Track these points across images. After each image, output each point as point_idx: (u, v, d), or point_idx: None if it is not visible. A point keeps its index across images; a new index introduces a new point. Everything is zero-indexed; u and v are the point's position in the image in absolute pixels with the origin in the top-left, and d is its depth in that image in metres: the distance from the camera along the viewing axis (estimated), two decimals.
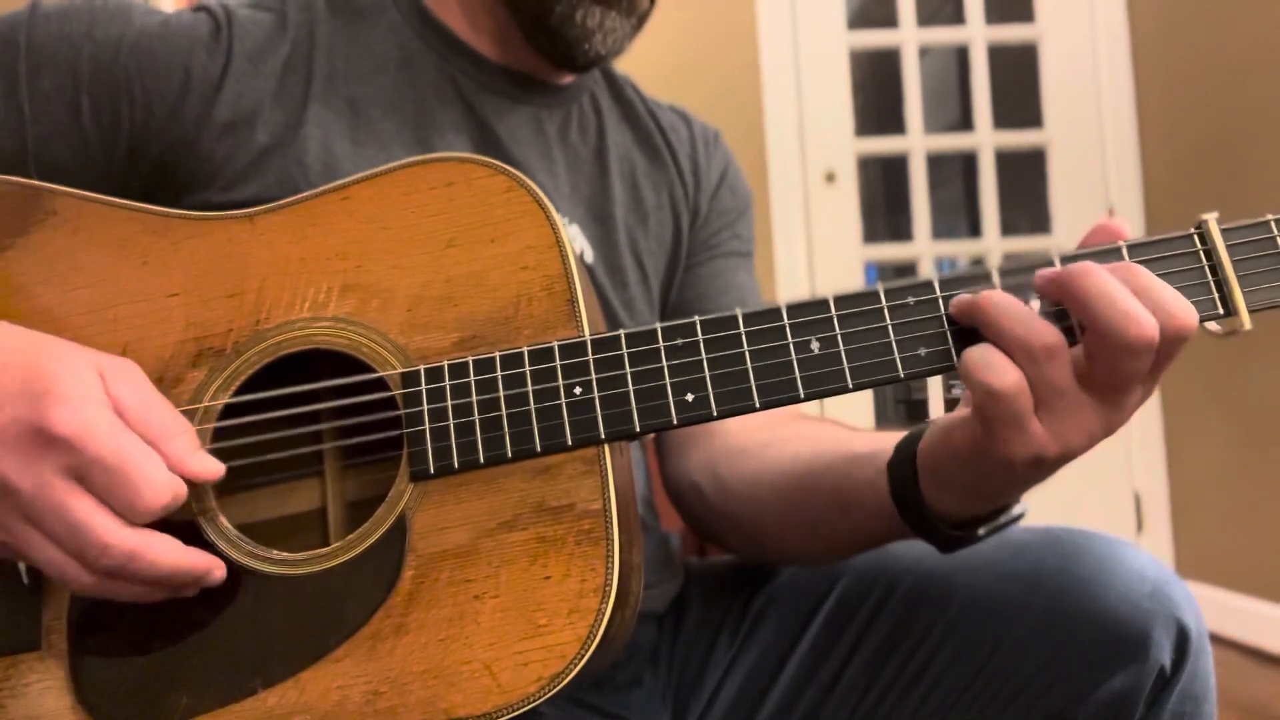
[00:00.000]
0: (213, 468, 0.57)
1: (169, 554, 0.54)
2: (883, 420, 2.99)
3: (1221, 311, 0.56)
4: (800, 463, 0.76)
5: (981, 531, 0.64)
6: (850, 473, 0.70)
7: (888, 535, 0.70)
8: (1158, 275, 0.55)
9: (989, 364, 0.54)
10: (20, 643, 0.58)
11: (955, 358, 0.57)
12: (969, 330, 0.57)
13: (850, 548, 0.76)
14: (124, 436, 0.53)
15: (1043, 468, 0.57)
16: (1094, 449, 0.58)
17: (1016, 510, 0.65)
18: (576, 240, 0.83)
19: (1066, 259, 0.57)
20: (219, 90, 0.73)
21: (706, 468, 0.84)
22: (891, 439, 0.68)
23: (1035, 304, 0.56)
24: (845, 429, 0.80)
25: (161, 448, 0.54)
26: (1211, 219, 0.57)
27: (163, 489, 0.53)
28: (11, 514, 0.52)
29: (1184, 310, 0.53)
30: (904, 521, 0.65)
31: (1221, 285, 0.56)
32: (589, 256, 0.84)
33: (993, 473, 0.58)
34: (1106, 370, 0.54)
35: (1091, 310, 0.52)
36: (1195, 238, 0.57)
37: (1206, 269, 0.56)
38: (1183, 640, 0.65)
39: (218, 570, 0.56)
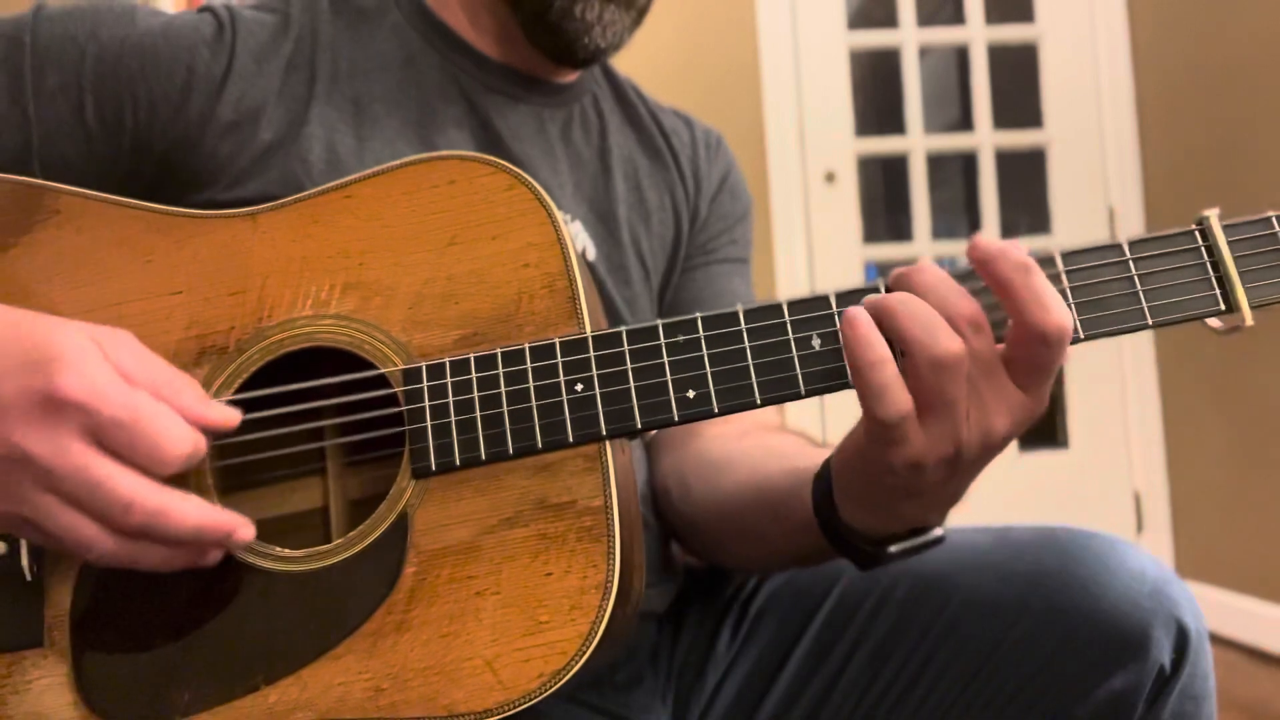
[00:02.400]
0: (229, 414, 0.57)
1: (195, 510, 0.53)
2: None
3: (1223, 307, 0.56)
4: (751, 476, 0.76)
5: (892, 550, 0.62)
6: (787, 485, 0.69)
7: (816, 550, 0.68)
8: (1160, 271, 0.55)
9: (868, 340, 0.54)
10: (22, 639, 0.58)
11: None
12: None
13: (790, 561, 0.77)
14: (135, 394, 0.53)
15: (921, 473, 0.56)
16: (1094, 449, 0.58)
17: (934, 533, 0.63)
18: (579, 238, 0.84)
19: (1068, 255, 0.57)
20: (222, 89, 0.74)
21: (676, 471, 0.84)
22: (827, 451, 0.68)
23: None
24: (808, 443, 0.80)
25: (173, 403, 0.54)
26: (1213, 215, 0.57)
27: (183, 439, 0.53)
28: (30, 485, 0.52)
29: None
30: (824, 536, 0.65)
31: (1223, 281, 0.56)
32: (591, 254, 0.85)
33: (877, 478, 0.58)
34: (1029, 369, 0.54)
35: (1018, 299, 0.53)
36: (1197, 234, 0.57)
37: (1208, 265, 0.57)
38: (1182, 640, 0.65)
39: (244, 529, 0.55)
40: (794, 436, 0.83)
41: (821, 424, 2.72)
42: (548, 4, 0.79)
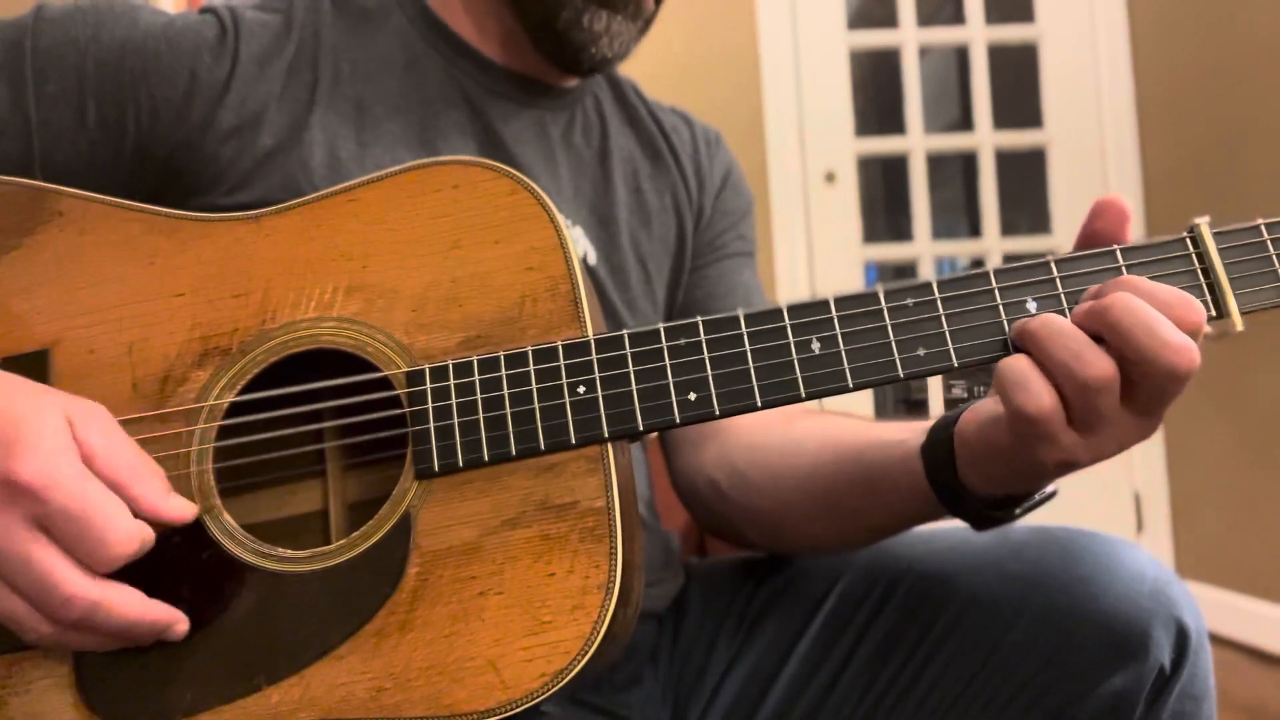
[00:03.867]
0: (185, 509, 0.57)
1: (132, 606, 0.53)
2: (883, 420, 2.99)
3: (1214, 313, 0.57)
4: (830, 451, 0.76)
5: (1018, 511, 0.65)
6: (882, 457, 0.71)
7: (918, 518, 0.71)
8: (1152, 279, 0.55)
9: (1024, 384, 0.54)
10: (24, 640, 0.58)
11: (954, 359, 0.58)
12: (965, 331, 0.57)
13: (878, 533, 0.77)
14: (89, 485, 0.52)
15: (1074, 468, 0.58)
16: None
17: (1049, 489, 0.65)
18: (580, 242, 0.84)
19: (1061, 262, 0.58)
20: (225, 94, 0.74)
21: (723, 463, 0.84)
22: (913, 426, 0.69)
23: None
24: (862, 420, 0.81)
25: (131, 492, 0.54)
26: (1203, 223, 0.58)
27: (129, 537, 0.53)
28: None
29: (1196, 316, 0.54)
30: (940, 502, 0.66)
31: (1214, 288, 0.57)
32: (592, 258, 0.85)
33: (1027, 470, 0.59)
34: (1149, 394, 0.54)
35: (1134, 343, 0.53)
36: (1188, 241, 0.58)
37: (1199, 272, 0.58)
38: (1182, 640, 0.65)
39: (180, 624, 0.56)
40: (842, 417, 0.83)
41: None
42: (555, 13, 0.79)
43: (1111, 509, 2.90)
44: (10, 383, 0.55)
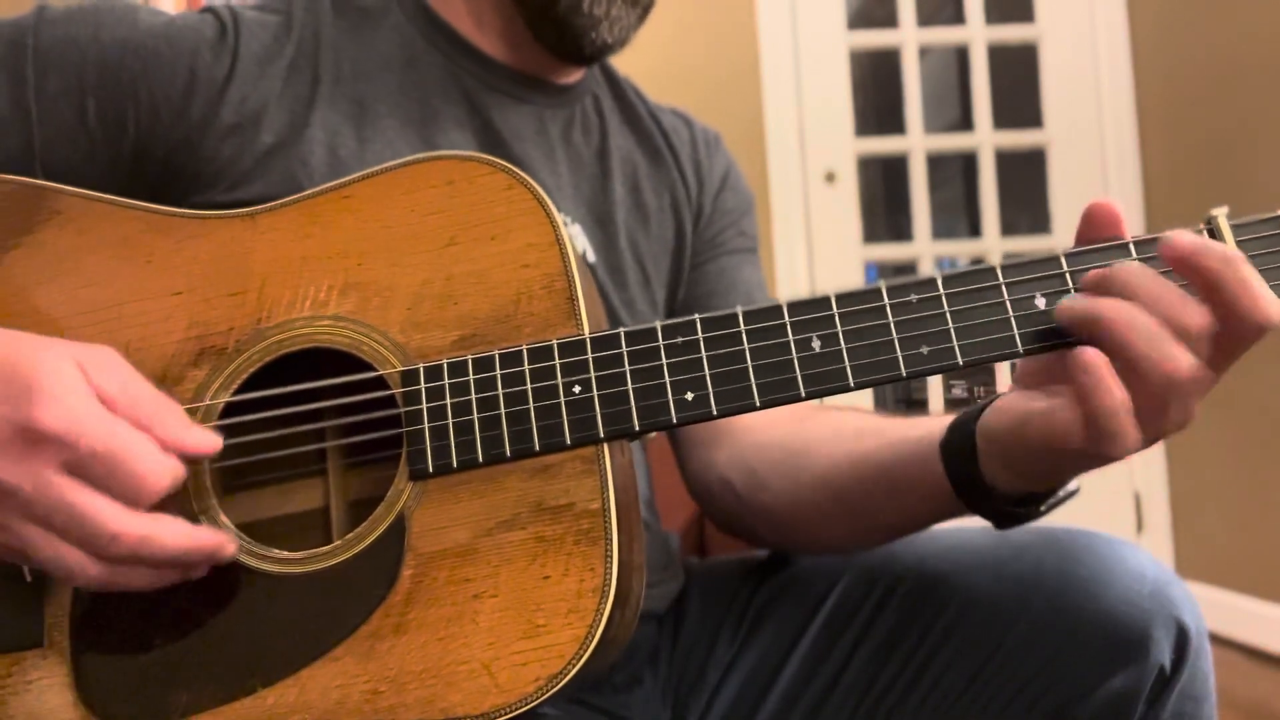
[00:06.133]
0: (209, 441, 0.57)
1: (179, 535, 0.54)
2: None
3: None
4: (844, 451, 0.76)
5: (1043, 509, 0.64)
6: (900, 457, 0.70)
7: (935, 517, 0.70)
8: (1168, 271, 0.54)
9: (1101, 382, 0.52)
10: (23, 640, 0.58)
11: (959, 357, 0.56)
12: (970, 328, 0.56)
13: (893, 533, 0.76)
14: (114, 425, 0.53)
15: (1118, 458, 0.57)
16: None
17: (1072, 485, 0.64)
18: (578, 240, 0.84)
19: (1071, 256, 0.57)
20: (224, 92, 0.74)
21: (738, 463, 0.83)
22: (930, 421, 0.69)
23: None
24: (874, 416, 0.80)
25: (153, 430, 0.54)
26: (1221, 214, 0.56)
27: (162, 471, 0.53)
28: (15, 516, 0.52)
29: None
30: (961, 500, 0.66)
31: None
32: (590, 257, 0.85)
33: (1067, 466, 0.58)
34: (1225, 356, 0.54)
35: (1229, 294, 0.52)
36: (1205, 232, 0.56)
37: None
38: (1182, 640, 0.65)
39: (229, 546, 0.56)
40: (853, 413, 0.82)
41: None
42: None
43: (1111, 509, 2.90)
44: (17, 336, 0.56)
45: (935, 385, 0.70)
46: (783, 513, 0.81)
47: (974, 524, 0.78)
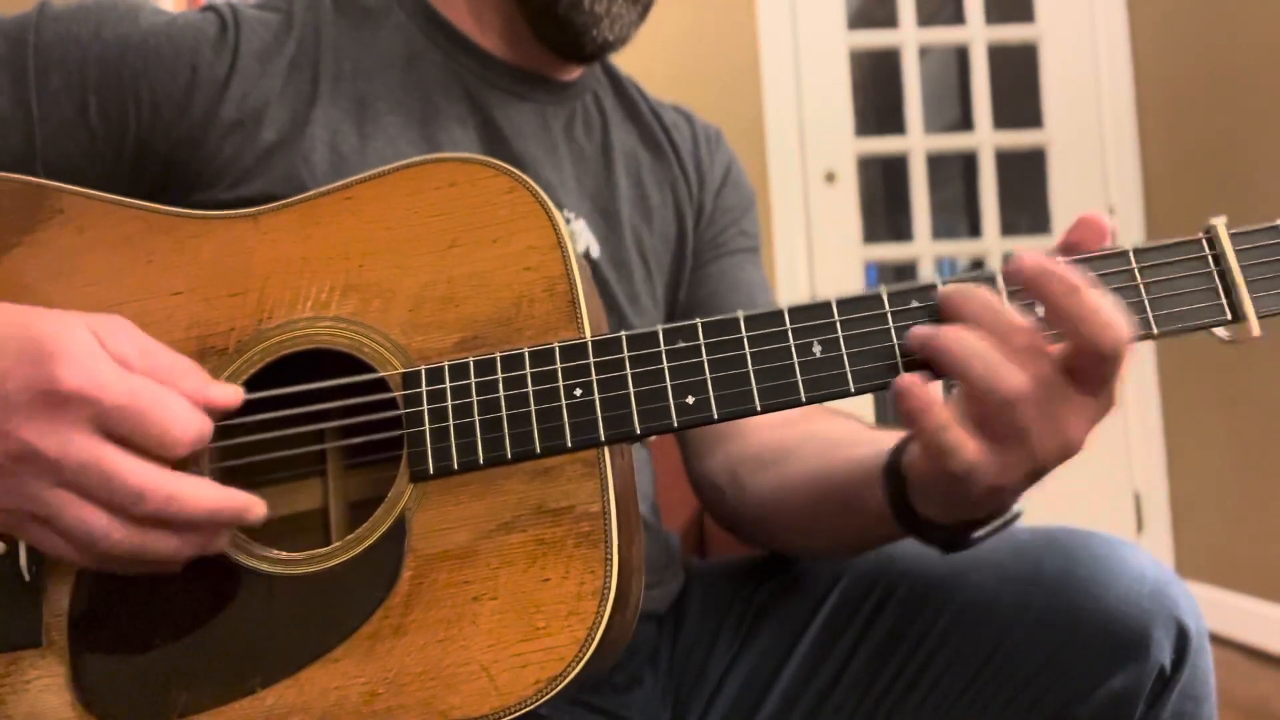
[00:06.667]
0: (232, 393, 0.57)
1: (208, 492, 0.54)
2: (883, 424, 2.99)
3: (1230, 318, 0.55)
4: (813, 469, 0.76)
5: (976, 535, 0.64)
6: (852, 477, 0.70)
7: (890, 537, 0.70)
8: (1165, 280, 0.55)
9: (927, 404, 0.53)
10: (20, 639, 0.58)
11: None
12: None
13: (853, 550, 0.77)
14: (135, 379, 0.53)
15: (1001, 493, 0.57)
16: (1094, 449, 0.58)
17: (1013, 510, 0.64)
18: (582, 235, 0.84)
19: (1070, 264, 0.56)
20: (225, 89, 0.74)
21: (726, 471, 0.84)
22: (882, 442, 0.68)
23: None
24: (856, 426, 0.80)
25: (175, 387, 0.54)
26: (1220, 224, 0.56)
27: (190, 421, 0.53)
28: (39, 480, 0.52)
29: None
30: (901, 527, 0.65)
31: (1230, 291, 0.55)
32: (595, 252, 0.85)
33: (958, 495, 0.58)
34: (1091, 379, 0.53)
35: (1073, 317, 0.52)
36: (1204, 242, 0.56)
37: (1215, 274, 0.56)
38: (1182, 640, 0.65)
39: (256, 508, 0.55)
40: (844, 420, 0.83)
41: None
42: None
43: (1111, 509, 2.90)
44: (26, 309, 0.56)
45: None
46: (759, 520, 0.82)
47: None
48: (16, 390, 0.51)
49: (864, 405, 2.85)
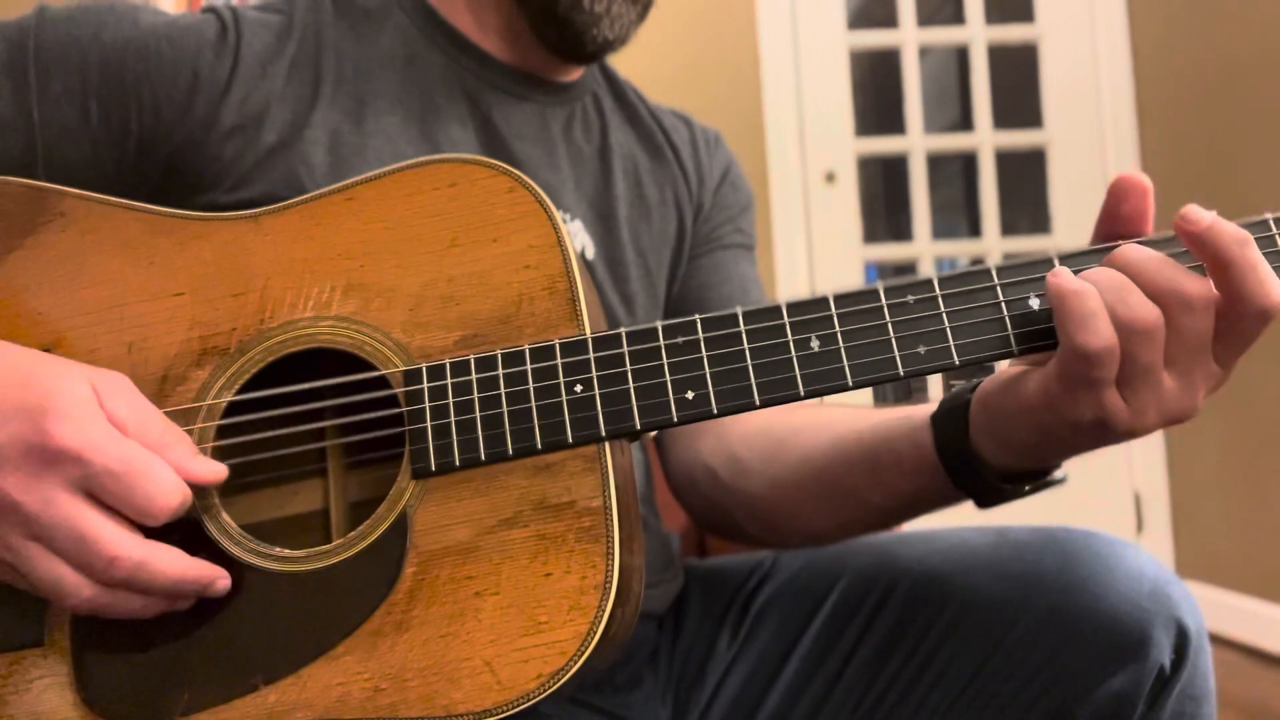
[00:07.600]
0: (215, 470, 0.57)
1: (175, 563, 0.54)
2: None
3: None
4: (828, 432, 0.76)
5: (1028, 488, 0.64)
6: (886, 431, 0.70)
7: (918, 496, 0.70)
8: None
9: (1089, 319, 0.53)
10: (23, 639, 0.58)
11: (955, 357, 0.57)
12: (966, 328, 0.57)
13: (876, 515, 0.76)
14: (127, 445, 0.53)
15: (1106, 438, 0.57)
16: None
17: (1059, 474, 0.65)
18: (579, 236, 0.84)
19: (1066, 258, 0.57)
20: (226, 92, 0.74)
21: (722, 451, 0.83)
22: (919, 407, 0.68)
23: None
24: (866, 409, 0.80)
25: (164, 455, 0.55)
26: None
27: (173, 491, 0.54)
28: (14, 531, 0.52)
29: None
30: (947, 474, 0.66)
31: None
32: (590, 253, 0.85)
33: (1055, 432, 0.58)
34: (1229, 345, 0.55)
35: (1237, 273, 0.52)
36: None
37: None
38: (1182, 640, 0.65)
39: (222, 580, 0.56)
40: (851, 407, 0.82)
41: None
42: None
43: (1111, 509, 2.90)
44: (32, 357, 0.56)
45: (935, 388, 0.70)
46: (763, 498, 0.81)
47: (974, 525, 0.79)
48: (8, 441, 0.52)
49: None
